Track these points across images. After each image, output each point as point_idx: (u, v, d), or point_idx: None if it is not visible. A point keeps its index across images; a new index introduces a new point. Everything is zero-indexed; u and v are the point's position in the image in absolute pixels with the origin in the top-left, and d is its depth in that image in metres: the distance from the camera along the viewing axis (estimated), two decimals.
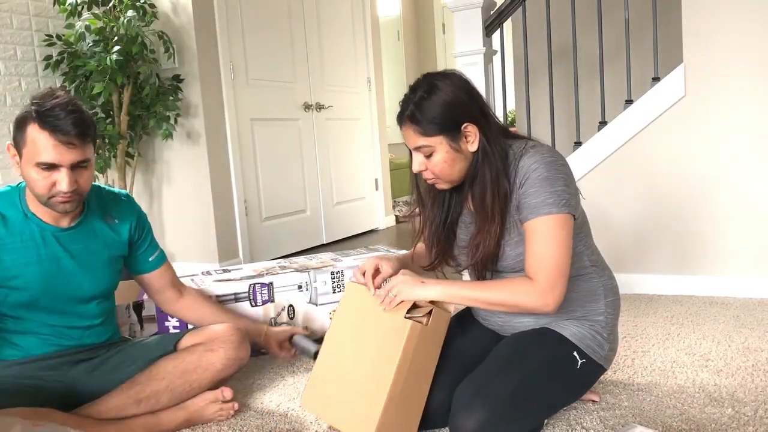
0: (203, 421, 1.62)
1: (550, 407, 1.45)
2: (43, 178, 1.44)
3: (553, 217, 1.33)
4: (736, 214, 2.53)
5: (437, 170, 1.40)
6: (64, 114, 1.41)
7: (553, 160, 1.36)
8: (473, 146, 1.39)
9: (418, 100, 1.38)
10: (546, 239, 1.33)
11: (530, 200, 1.34)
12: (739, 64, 2.47)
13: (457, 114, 1.37)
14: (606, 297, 1.48)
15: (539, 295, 1.32)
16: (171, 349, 1.65)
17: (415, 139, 1.39)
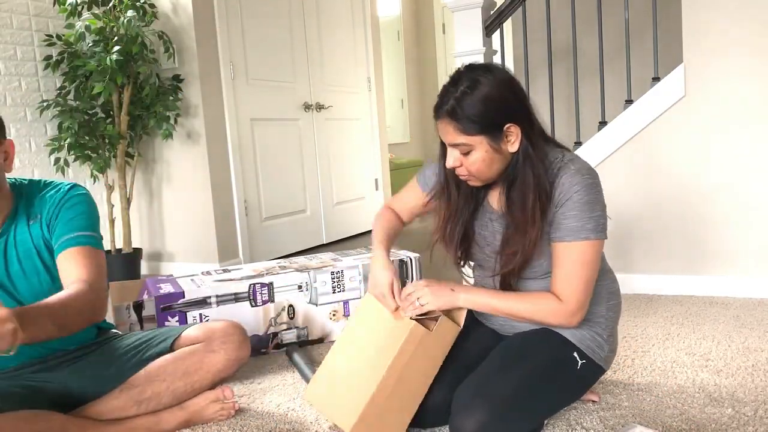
0: (204, 421, 1.61)
1: (550, 408, 1.44)
2: None
3: (590, 243, 1.33)
4: (736, 214, 2.53)
5: (474, 169, 1.35)
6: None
7: (593, 183, 1.34)
8: (514, 147, 1.34)
9: (460, 95, 1.29)
10: (581, 264, 1.33)
11: (569, 222, 1.33)
12: (739, 64, 2.47)
13: (500, 113, 1.31)
14: (608, 300, 1.48)
15: (567, 316, 1.36)
16: (168, 347, 1.62)
17: (454, 136, 1.32)
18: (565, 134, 3.49)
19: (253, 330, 2.11)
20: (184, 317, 2.04)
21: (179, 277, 2.27)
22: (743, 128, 2.49)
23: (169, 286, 2.12)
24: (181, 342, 1.64)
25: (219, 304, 2.08)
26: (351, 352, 1.48)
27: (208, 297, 2.07)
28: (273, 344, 2.17)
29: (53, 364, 1.54)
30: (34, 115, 3.22)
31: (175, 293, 2.04)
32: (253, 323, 2.12)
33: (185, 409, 1.58)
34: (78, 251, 1.46)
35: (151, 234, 3.66)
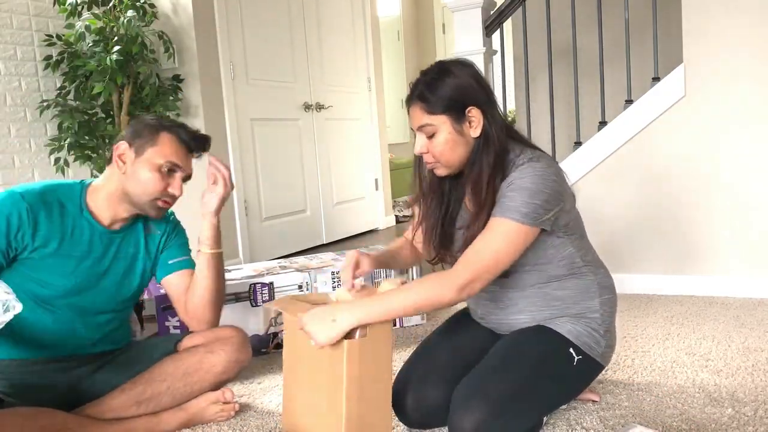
0: (204, 422, 1.62)
1: (548, 405, 1.45)
2: (161, 179, 1.56)
3: (516, 224, 1.32)
4: (736, 214, 2.53)
5: (438, 151, 1.40)
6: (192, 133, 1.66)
7: (542, 174, 1.34)
8: (476, 131, 1.40)
9: (429, 80, 1.39)
10: (496, 240, 1.33)
11: (505, 201, 1.35)
12: (739, 64, 2.47)
13: (464, 96, 1.38)
14: (601, 294, 1.48)
15: (454, 287, 1.31)
16: (172, 348, 1.65)
17: (420, 117, 1.39)
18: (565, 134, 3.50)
19: (254, 330, 2.12)
20: None
21: None
22: (743, 128, 2.49)
23: None
24: (183, 345, 1.66)
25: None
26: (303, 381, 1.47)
27: None
28: (273, 344, 2.17)
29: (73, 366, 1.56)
30: (34, 115, 3.22)
31: None
32: (253, 323, 2.12)
33: (185, 410, 1.58)
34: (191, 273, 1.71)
35: None
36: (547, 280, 1.45)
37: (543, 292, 1.46)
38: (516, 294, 1.47)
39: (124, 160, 1.57)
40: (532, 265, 1.44)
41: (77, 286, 1.54)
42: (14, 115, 3.17)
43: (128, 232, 1.64)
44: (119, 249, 1.61)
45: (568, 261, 1.45)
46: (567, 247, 1.45)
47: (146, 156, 1.56)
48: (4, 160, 3.09)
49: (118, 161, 1.57)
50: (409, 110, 1.44)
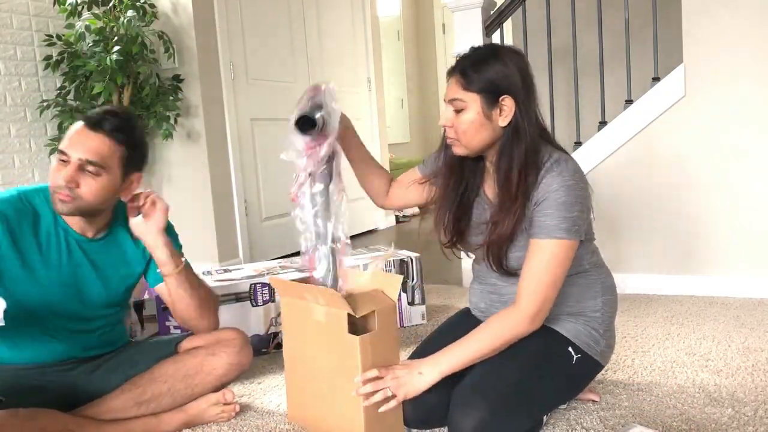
0: (204, 423, 1.62)
1: (548, 404, 1.45)
2: (55, 170, 1.42)
3: (562, 242, 1.34)
4: (736, 214, 2.53)
5: (461, 129, 1.39)
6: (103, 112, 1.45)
7: (574, 184, 1.35)
8: (504, 120, 1.38)
9: (475, 58, 1.39)
10: (548, 262, 1.34)
11: (545, 221, 1.34)
12: (739, 64, 2.47)
13: (503, 83, 1.37)
14: (603, 294, 1.49)
15: (527, 323, 1.35)
16: (172, 350, 1.64)
17: (455, 90, 1.38)
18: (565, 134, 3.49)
19: (254, 330, 2.11)
20: None
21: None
22: (743, 128, 2.49)
23: None
24: (183, 346, 1.65)
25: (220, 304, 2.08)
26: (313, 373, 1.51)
27: None
28: (273, 344, 2.17)
29: (70, 367, 1.56)
30: (34, 115, 3.22)
31: None
32: (253, 323, 2.12)
33: (186, 411, 1.58)
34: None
35: None
36: None
37: None
38: None
39: None
40: None
41: (57, 296, 1.50)
42: (14, 115, 3.17)
43: (110, 238, 1.59)
44: (99, 256, 1.56)
45: (575, 262, 1.45)
46: (578, 249, 1.45)
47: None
48: (4, 160, 3.09)
49: None
50: (449, 80, 1.43)
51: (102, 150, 1.43)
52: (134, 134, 1.50)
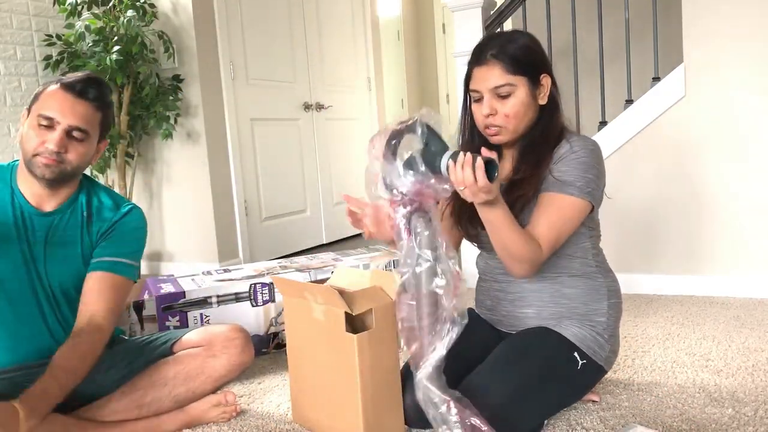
0: (205, 423, 1.61)
1: (550, 408, 1.45)
2: (37, 135, 1.43)
3: (573, 199, 1.35)
4: (736, 214, 2.53)
5: (512, 113, 1.37)
6: (85, 80, 1.47)
7: (593, 150, 1.40)
8: (544, 99, 1.40)
9: (504, 41, 1.38)
10: (558, 214, 1.35)
11: (561, 176, 1.36)
12: (739, 64, 2.47)
13: (539, 61, 1.39)
14: (609, 299, 1.49)
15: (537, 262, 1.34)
16: (168, 350, 1.61)
17: (500, 76, 1.36)
18: None
19: (254, 330, 2.11)
20: (184, 317, 2.04)
21: (180, 276, 2.27)
22: (743, 128, 2.49)
23: (169, 286, 2.12)
24: (181, 345, 1.63)
25: (220, 304, 2.08)
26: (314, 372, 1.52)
27: (208, 297, 2.07)
28: (273, 344, 2.17)
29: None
30: None
31: (175, 293, 2.04)
32: (253, 323, 2.12)
33: (186, 412, 1.58)
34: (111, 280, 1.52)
35: (151, 234, 3.66)
36: (558, 272, 1.45)
37: (553, 289, 1.46)
38: (527, 287, 1.48)
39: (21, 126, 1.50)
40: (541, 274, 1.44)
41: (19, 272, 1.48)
42: (14, 115, 3.17)
43: (66, 213, 1.54)
44: (55, 232, 1.52)
45: (582, 255, 1.46)
46: (585, 240, 1.47)
47: (31, 113, 1.47)
48: (4, 159, 3.09)
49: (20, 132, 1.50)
50: (477, 68, 1.39)
51: (87, 116, 1.47)
52: (109, 100, 1.54)
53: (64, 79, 1.47)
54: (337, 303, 1.38)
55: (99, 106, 1.49)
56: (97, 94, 1.48)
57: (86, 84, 1.46)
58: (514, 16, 3.15)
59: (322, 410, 1.50)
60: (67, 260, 1.54)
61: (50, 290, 1.53)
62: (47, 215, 1.52)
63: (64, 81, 1.47)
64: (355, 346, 1.36)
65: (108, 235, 1.56)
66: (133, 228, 1.59)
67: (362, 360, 1.37)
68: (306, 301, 1.49)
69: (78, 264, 1.55)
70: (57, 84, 1.47)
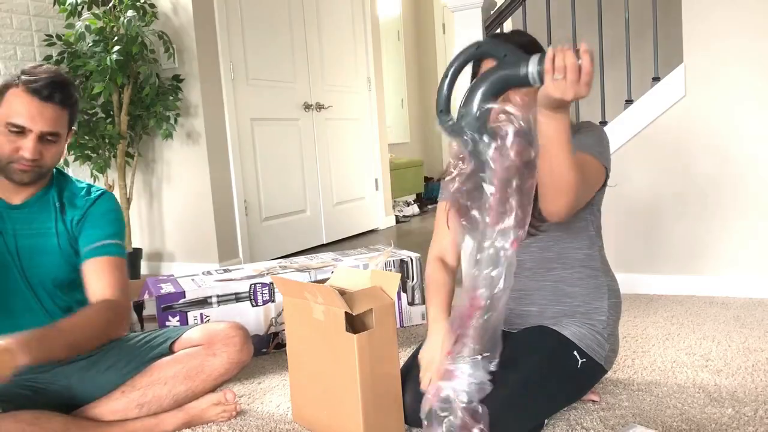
0: (204, 422, 1.61)
1: (550, 407, 1.45)
2: (9, 142, 1.42)
3: (594, 160, 1.37)
4: (736, 214, 2.53)
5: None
6: (47, 80, 1.43)
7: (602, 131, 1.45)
8: None
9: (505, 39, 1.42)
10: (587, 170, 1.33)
11: (582, 139, 1.38)
12: (739, 64, 2.47)
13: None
14: (609, 298, 1.49)
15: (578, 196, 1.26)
16: (167, 349, 1.61)
17: None
18: None
19: (254, 330, 2.11)
20: (185, 317, 2.04)
21: (180, 276, 2.27)
22: (743, 128, 2.49)
23: (170, 286, 2.12)
24: (181, 344, 1.62)
25: (220, 304, 2.09)
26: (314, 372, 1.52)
27: (209, 297, 2.07)
28: (273, 344, 2.17)
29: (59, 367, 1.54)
30: None
31: (176, 293, 2.04)
32: (254, 323, 2.12)
33: (186, 411, 1.58)
34: (107, 262, 1.54)
35: (151, 234, 3.66)
36: (563, 266, 1.47)
37: (556, 287, 1.47)
38: (532, 284, 1.49)
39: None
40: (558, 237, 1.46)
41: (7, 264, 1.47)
42: None
43: (35, 207, 1.54)
44: (25, 225, 1.51)
45: (587, 248, 1.47)
46: (590, 230, 1.50)
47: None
48: None
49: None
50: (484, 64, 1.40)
51: (56, 119, 1.45)
52: (74, 97, 1.51)
53: (26, 79, 1.43)
54: (337, 303, 1.38)
55: (65, 106, 1.48)
56: (63, 96, 1.46)
57: (52, 88, 1.43)
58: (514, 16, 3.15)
59: (322, 410, 1.50)
60: (42, 252, 1.53)
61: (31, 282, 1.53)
62: (16, 208, 1.52)
63: (29, 83, 1.42)
64: (355, 346, 1.36)
65: (85, 222, 1.56)
66: (106, 210, 1.60)
67: (362, 360, 1.37)
68: (306, 301, 1.49)
69: (55, 255, 1.54)
70: (19, 85, 1.43)
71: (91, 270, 1.53)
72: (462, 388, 1.06)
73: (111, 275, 1.54)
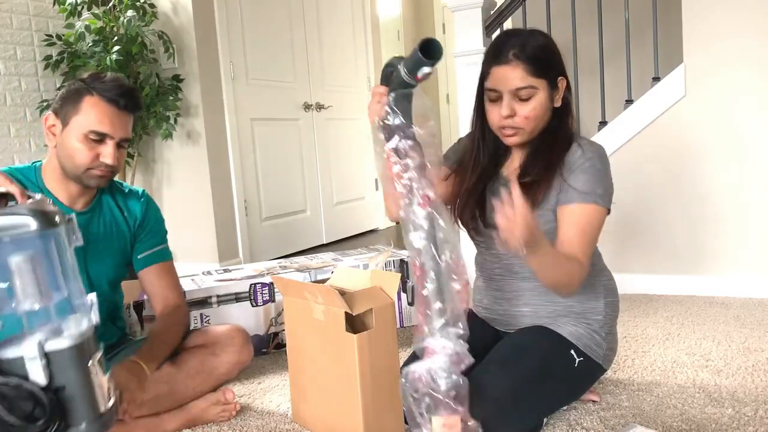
0: (204, 422, 1.61)
1: (549, 406, 1.45)
2: (89, 149, 1.46)
3: (597, 208, 1.36)
4: (735, 214, 2.53)
5: (532, 115, 1.35)
6: (123, 89, 1.49)
7: (604, 156, 1.40)
8: (558, 102, 1.39)
9: (525, 41, 1.35)
10: (586, 226, 1.35)
11: (579, 187, 1.35)
12: (738, 64, 2.47)
13: (557, 62, 1.38)
14: (606, 297, 1.49)
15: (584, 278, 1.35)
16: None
17: (522, 78, 1.33)
18: None
19: (254, 330, 2.11)
20: None
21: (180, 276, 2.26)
22: (743, 128, 2.49)
23: None
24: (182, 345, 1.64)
25: (220, 304, 2.09)
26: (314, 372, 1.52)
27: (208, 297, 2.07)
28: (273, 344, 2.17)
29: None
30: (34, 115, 3.22)
31: None
32: (253, 323, 2.12)
33: (186, 410, 1.58)
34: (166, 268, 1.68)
35: None
36: None
37: None
38: (525, 285, 1.48)
39: (54, 132, 1.49)
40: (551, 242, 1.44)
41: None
42: (14, 115, 3.17)
43: (96, 211, 1.58)
44: (87, 230, 1.53)
45: None
46: None
47: (72, 125, 1.46)
48: (4, 160, 3.09)
49: (48, 134, 1.50)
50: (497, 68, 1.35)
51: (130, 127, 1.53)
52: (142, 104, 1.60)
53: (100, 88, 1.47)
54: (337, 303, 1.38)
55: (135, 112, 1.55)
56: (135, 104, 1.52)
57: (128, 98, 1.49)
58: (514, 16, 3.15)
59: (322, 410, 1.50)
60: (106, 256, 1.59)
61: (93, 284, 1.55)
62: (82, 214, 1.55)
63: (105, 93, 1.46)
64: (355, 345, 1.36)
65: (144, 227, 1.66)
66: (159, 216, 1.72)
67: (362, 360, 1.37)
68: (306, 301, 1.49)
69: (117, 258, 1.62)
70: (93, 92, 1.46)
71: (153, 274, 1.65)
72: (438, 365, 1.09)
73: (171, 278, 1.68)
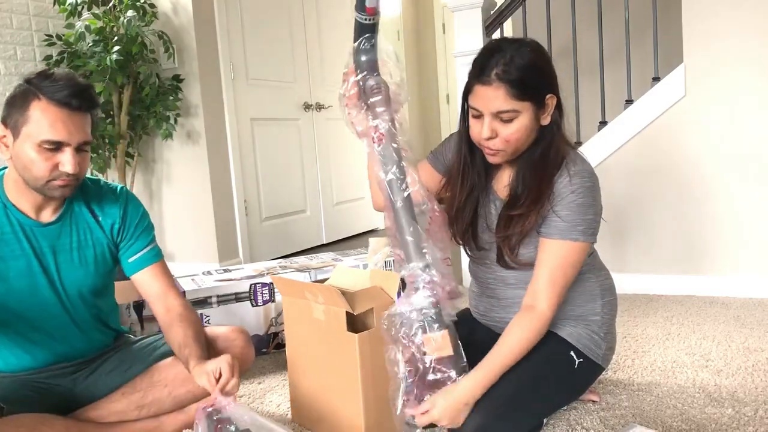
0: None
1: (548, 408, 1.45)
2: (45, 159, 1.33)
3: (577, 244, 1.33)
4: (736, 214, 2.53)
5: (513, 138, 1.30)
6: (72, 88, 1.35)
7: (591, 186, 1.35)
8: (546, 120, 1.34)
9: (510, 59, 1.26)
10: (564, 264, 1.33)
11: (560, 222, 1.32)
12: (738, 64, 2.47)
13: (544, 81, 1.31)
14: (603, 297, 1.48)
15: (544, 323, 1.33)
16: (169, 352, 1.59)
17: (504, 101, 1.26)
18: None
19: (254, 330, 2.12)
20: None
21: (180, 276, 2.27)
22: (743, 128, 2.49)
23: None
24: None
25: (220, 304, 2.09)
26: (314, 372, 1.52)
27: (208, 297, 2.07)
28: (273, 344, 2.17)
29: (69, 371, 1.53)
30: None
31: None
32: (253, 323, 2.12)
33: (187, 412, 1.57)
34: (159, 268, 1.58)
35: None
36: None
37: None
38: (519, 292, 1.46)
39: (6, 144, 1.38)
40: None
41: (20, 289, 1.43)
42: None
43: (67, 220, 1.49)
44: (59, 241, 1.47)
45: None
46: None
47: (23, 136, 1.34)
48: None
49: (1, 146, 1.39)
50: (479, 88, 1.29)
51: (87, 126, 1.39)
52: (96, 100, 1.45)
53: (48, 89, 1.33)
54: (338, 302, 1.38)
55: (91, 111, 1.42)
56: (90, 102, 1.39)
57: (81, 98, 1.36)
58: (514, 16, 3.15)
59: (322, 410, 1.50)
60: (82, 266, 1.51)
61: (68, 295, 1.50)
62: (50, 225, 1.47)
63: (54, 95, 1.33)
64: (356, 345, 1.36)
65: (126, 228, 1.55)
66: (140, 210, 1.60)
67: (363, 359, 1.37)
68: (306, 301, 1.49)
69: (95, 266, 1.53)
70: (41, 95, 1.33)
71: (147, 277, 1.57)
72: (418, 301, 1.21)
73: (165, 278, 1.59)
